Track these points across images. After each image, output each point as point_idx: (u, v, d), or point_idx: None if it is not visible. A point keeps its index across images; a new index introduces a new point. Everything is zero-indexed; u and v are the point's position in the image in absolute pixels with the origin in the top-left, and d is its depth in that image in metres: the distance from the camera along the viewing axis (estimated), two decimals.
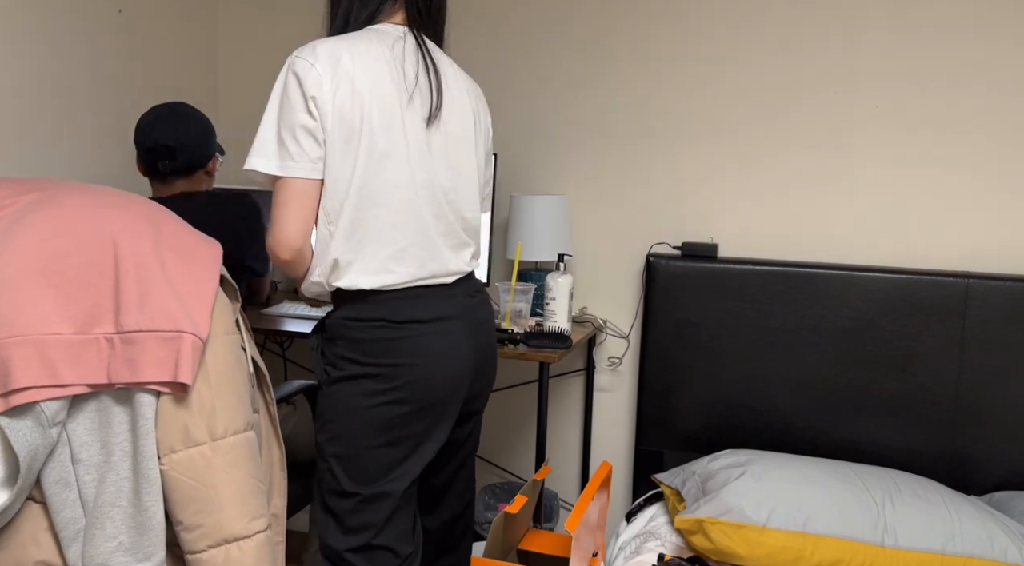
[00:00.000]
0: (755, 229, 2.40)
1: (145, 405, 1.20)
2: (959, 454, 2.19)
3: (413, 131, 1.48)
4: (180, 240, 1.29)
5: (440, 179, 1.52)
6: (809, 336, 2.25)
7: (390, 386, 1.47)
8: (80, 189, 1.29)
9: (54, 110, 2.19)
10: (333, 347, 1.51)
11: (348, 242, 1.46)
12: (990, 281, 2.15)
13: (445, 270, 1.54)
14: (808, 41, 2.32)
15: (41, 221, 1.21)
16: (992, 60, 2.20)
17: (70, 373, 1.17)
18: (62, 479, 1.20)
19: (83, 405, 1.21)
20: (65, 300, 1.18)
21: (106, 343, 1.19)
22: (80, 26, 2.25)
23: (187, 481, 1.22)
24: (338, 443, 1.50)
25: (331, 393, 1.51)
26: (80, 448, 1.21)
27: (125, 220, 1.25)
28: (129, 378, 1.18)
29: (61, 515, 1.20)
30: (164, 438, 1.22)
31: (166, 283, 1.22)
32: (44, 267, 1.18)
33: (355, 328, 1.48)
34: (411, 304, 1.49)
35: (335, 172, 1.43)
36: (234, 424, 1.26)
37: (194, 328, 1.21)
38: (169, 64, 2.61)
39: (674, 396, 2.36)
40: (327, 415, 1.51)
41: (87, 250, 1.21)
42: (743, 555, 1.82)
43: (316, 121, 1.41)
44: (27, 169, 2.13)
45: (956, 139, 2.24)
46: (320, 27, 2.70)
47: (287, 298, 2.51)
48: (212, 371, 1.25)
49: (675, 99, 2.43)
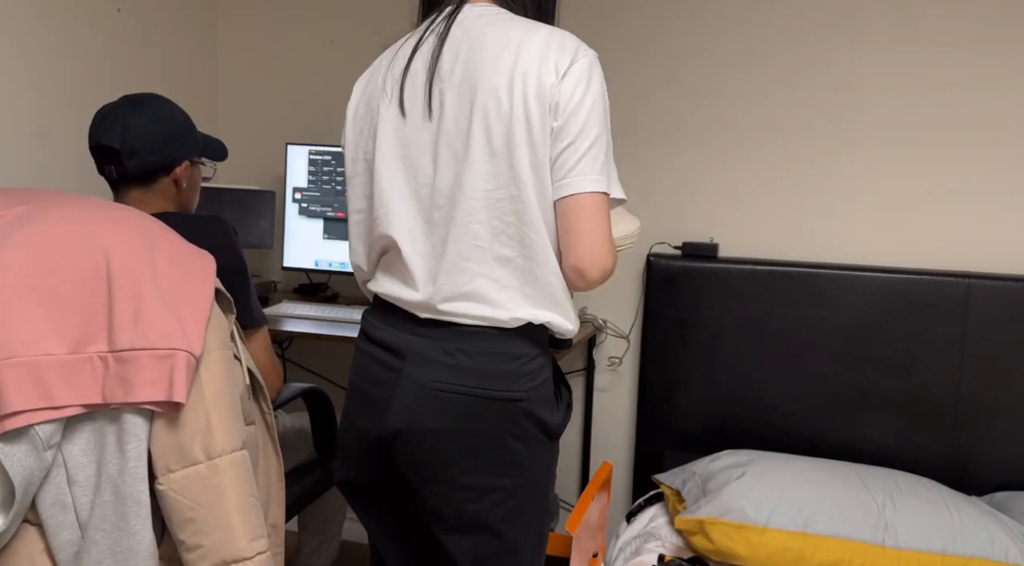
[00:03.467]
0: (755, 229, 2.40)
1: (137, 425, 1.17)
2: (959, 454, 2.19)
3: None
4: (173, 253, 1.26)
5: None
6: (809, 336, 2.25)
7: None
8: (69, 201, 1.26)
9: (53, 110, 2.18)
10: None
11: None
12: (990, 281, 2.14)
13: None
14: (809, 41, 2.32)
15: (30, 236, 1.18)
16: (993, 60, 2.20)
17: (64, 395, 1.14)
18: (58, 501, 1.17)
19: (78, 426, 1.18)
20: (57, 318, 1.15)
21: (100, 362, 1.16)
22: (80, 25, 2.25)
23: (184, 501, 1.19)
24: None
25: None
26: (76, 470, 1.18)
27: (117, 233, 1.21)
28: (123, 398, 1.15)
29: (58, 538, 1.18)
30: (160, 457, 1.19)
31: (160, 299, 1.19)
32: (35, 284, 1.15)
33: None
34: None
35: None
36: (231, 442, 1.23)
37: (188, 345, 1.18)
38: (169, 64, 2.60)
39: (674, 396, 2.36)
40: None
41: (79, 266, 1.18)
42: (744, 555, 1.82)
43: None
44: (25, 170, 2.13)
45: (957, 139, 2.24)
46: (318, 27, 2.70)
47: (287, 298, 2.51)
48: (207, 387, 1.22)
49: (675, 99, 2.43)
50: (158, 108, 1.62)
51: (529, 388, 1.23)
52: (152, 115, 1.60)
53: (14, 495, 1.13)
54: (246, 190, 2.58)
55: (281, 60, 2.77)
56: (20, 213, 1.21)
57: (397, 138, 1.28)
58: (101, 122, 1.58)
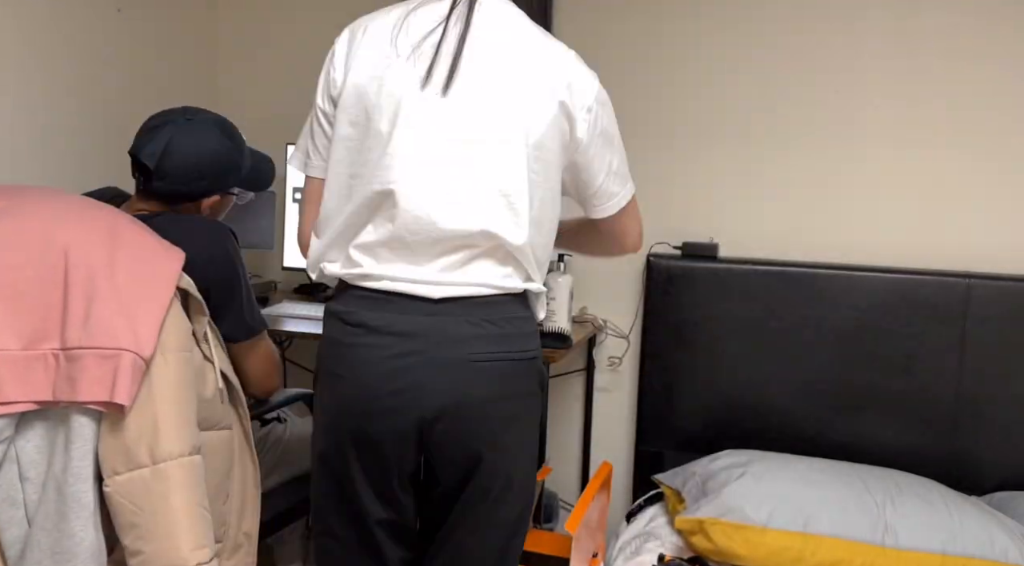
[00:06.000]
0: (755, 229, 2.40)
1: (84, 425, 1.16)
2: (959, 454, 2.19)
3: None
4: (138, 250, 1.24)
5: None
6: (810, 336, 2.25)
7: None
8: (43, 198, 1.25)
9: (52, 110, 2.18)
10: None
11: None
12: (991, 281, 2.14)
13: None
14: (809, 41, 2.32)
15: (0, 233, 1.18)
16: (993, 60, 2.20)
17: (15, 390, 1.13)
18: (9, 497, 1.16)
19: (33, 422, 1.17)
20: (14, 314, 1.15)
21: (53, 359, 1.16)
22: (80, 26, 2.25)
23: (128, 505, 1.18)
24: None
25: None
26: (28, 466, 1.17)
27: (80, 230, 1.21)
28: (69, 396, 1.14)
29: (7, 534, 1.17)
30: (108, 459, 1.17)
31: (114, 297, 1.17)
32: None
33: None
34: None
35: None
36: (179, 446, 1.21)
37: (136, 346, 1.16)
38: (169, 64, 2.60)
39: (674, 396, 2.36)
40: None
41: (39, 263, 1.17)
42: (743, 555, 1.82)
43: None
44: (24, 170, 2.13)
45: (957, 139, 2.24)
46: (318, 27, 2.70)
47: (287, 298, 2.51)
48: (157, 389, 1.19)
49: (676, 99, 2.43)
50: (208, 139, 1.55)
51: (536, 346, 1.34)
52: (199, 144, 1.53)
53: None
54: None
55: (281, 60, 2.77)
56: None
57: (414, 117, 1.27)
58: (148, 133, 1.53)
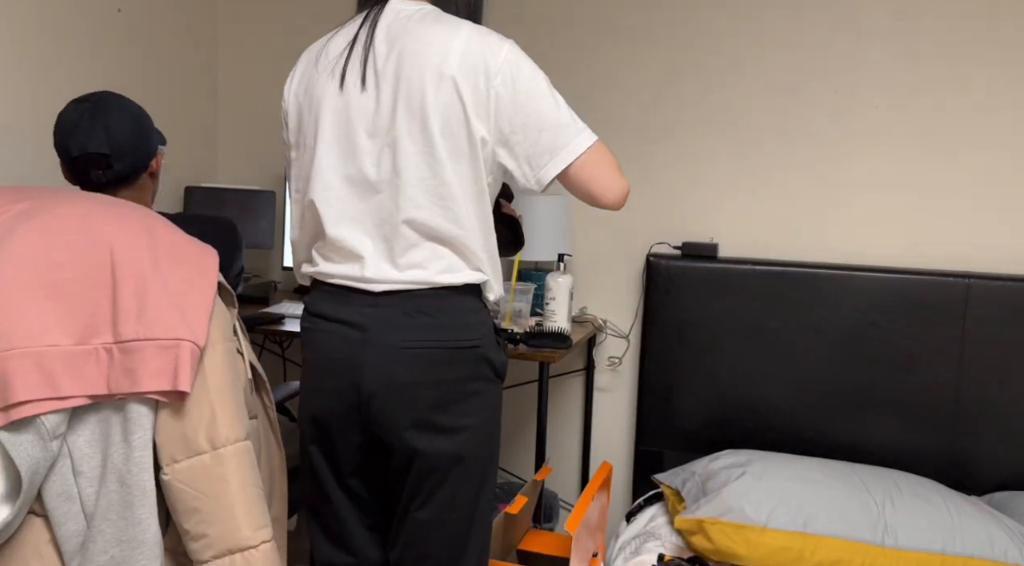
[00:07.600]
0: (755, 229, 2.40)
1: (142, 416, 1.19)
2: (959, 454, 2.19)
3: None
4: (175, 247, 1.28)
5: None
6: (809, 336, 2.25)
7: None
8: (71, 197, 1.28)
9: (54, 110, 2.19)
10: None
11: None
12: (990, 281, 2.15)
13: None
14: (808, 42, 2.32)
15: (35, 231, 1.20)
16: (993, 61, 2.20)
17: (70, 385, 1.16)
18: (64, 492, 1.19)
19: (84, 417, 1.20)
20: (63, 311, 1.17)
21: (105, 354, 1.18)
22: (80, 26, 2.25)
23: (189, 491, 1.21)
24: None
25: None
26: (81, 460, 1.19)
27: (120, 228, 1.23)
28: (128, 388, 1.17)
29: (64, 528, 1.19)
30: (165, 447, 1.21)
31: (163, 291, 1.21)
32: (40, 278, 1.17)
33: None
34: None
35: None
36: (235, 432, 1.25)
37: (192, 335, 1.20)
38: (169, 64, 2.60)
39: (674, 396, 2.36)
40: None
41: (83, 260, 1.20)
42: (743, 555, 1.82)
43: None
44: (24, 169, 2.13)
45: (957, 139, 2.24)
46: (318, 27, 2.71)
47: (287, 298, 2.51)
48: (211, 378, 1.24)
49: (676, 100, 2.43)
50: (125, 106, 1.59)
51: (481, 335, 1.40)
52: (125, 114, 1.57)
53: (20, 485, 1.15)
54: (246, 190, 2.58)
55: (281, 60, 2.78)
56: (23, 209, 1.23)
57: (335, 121, 1.39)
58: (77, 132, 1.53)
